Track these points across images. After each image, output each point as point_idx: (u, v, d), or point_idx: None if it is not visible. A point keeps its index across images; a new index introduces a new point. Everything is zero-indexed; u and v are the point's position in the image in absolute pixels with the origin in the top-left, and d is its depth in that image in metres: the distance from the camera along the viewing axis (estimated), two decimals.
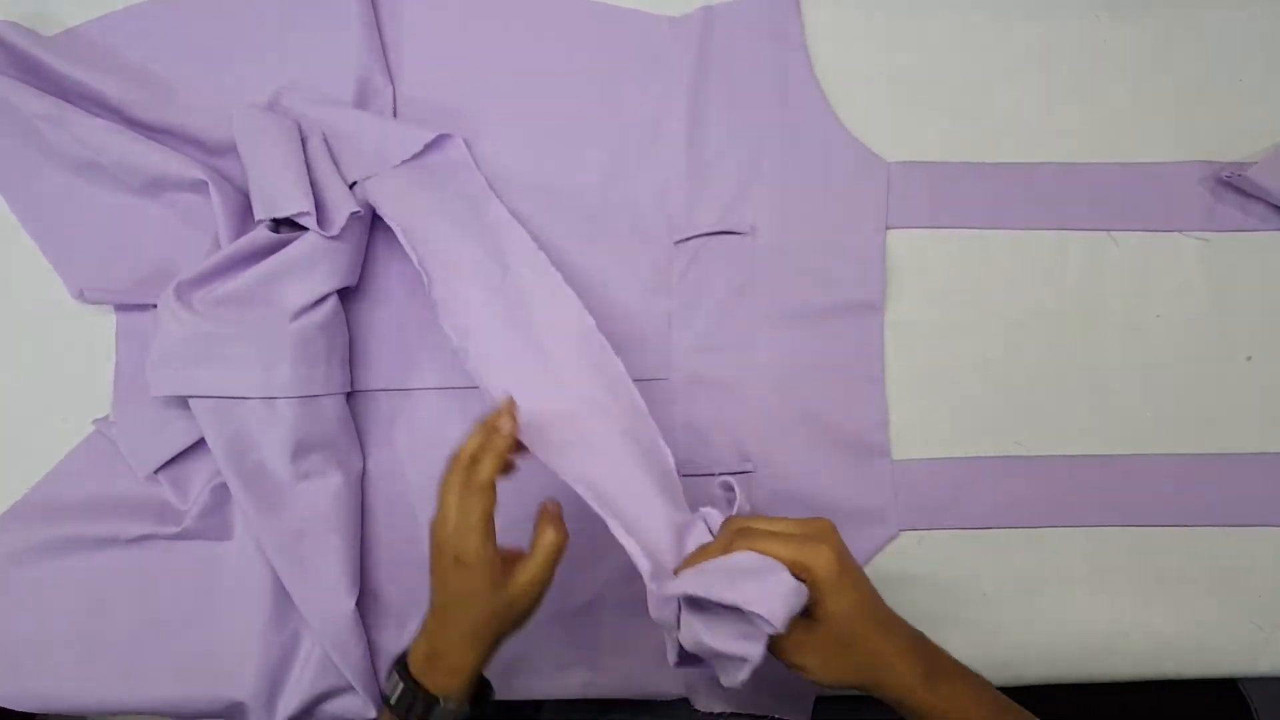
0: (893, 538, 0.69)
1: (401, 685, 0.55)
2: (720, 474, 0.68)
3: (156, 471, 0.69)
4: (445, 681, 0.55)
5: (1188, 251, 0.72)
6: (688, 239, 0.71)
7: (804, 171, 0.71)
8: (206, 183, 0.67)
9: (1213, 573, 0.69)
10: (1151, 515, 0.69)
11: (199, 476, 0.69)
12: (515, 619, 0.55)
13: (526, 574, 0.54)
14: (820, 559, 0.50)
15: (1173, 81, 0.73)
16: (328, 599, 0.65)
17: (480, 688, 0.58)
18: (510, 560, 0.54)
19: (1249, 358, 0.71)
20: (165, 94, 0.71)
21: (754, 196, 0.71)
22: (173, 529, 0.68)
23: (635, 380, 0.68)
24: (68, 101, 0.69)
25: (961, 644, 0.68)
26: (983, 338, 0.71)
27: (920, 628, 0.58)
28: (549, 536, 0.54)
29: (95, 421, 0.70)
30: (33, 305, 0.73)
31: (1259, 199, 0.71)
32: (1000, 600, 0.66)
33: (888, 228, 0.71)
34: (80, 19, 0.73)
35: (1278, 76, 0.73)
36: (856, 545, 0.68)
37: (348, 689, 0.67)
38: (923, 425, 0.70)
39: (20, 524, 0.69)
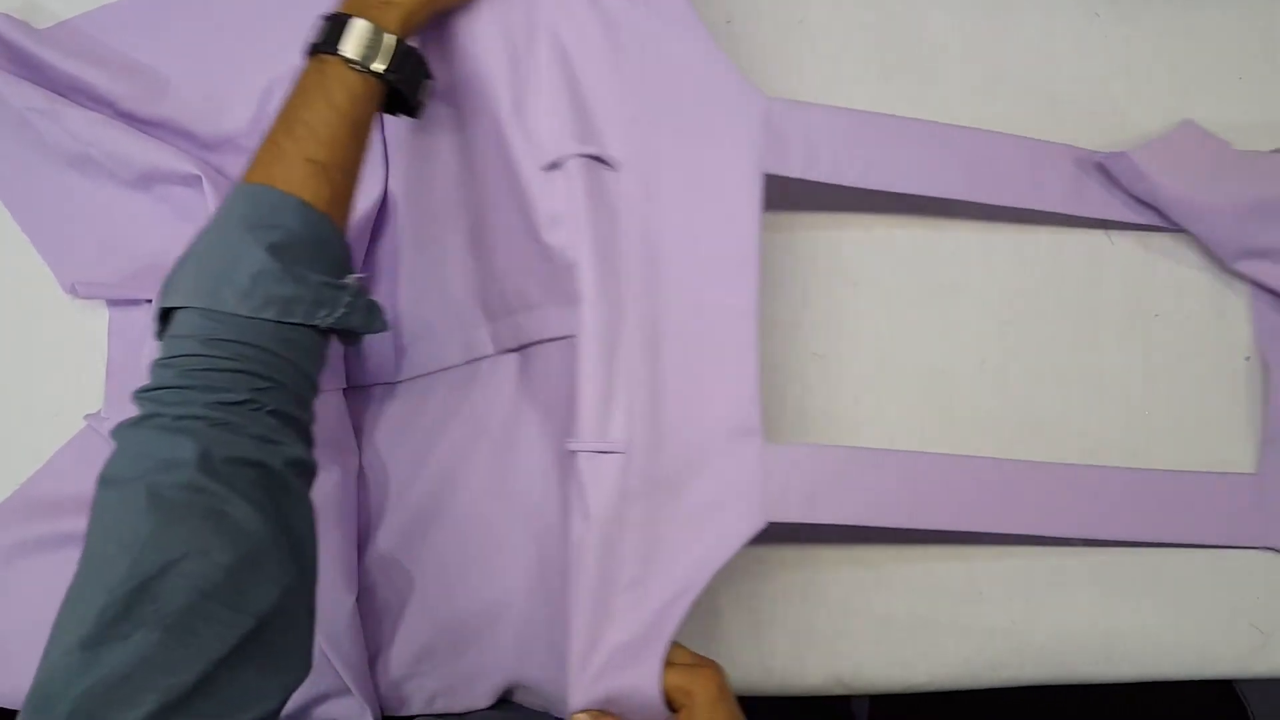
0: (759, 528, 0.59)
1: (327, 23, 0.52)
2: (583, 450, 0.58)
3: None
4: (380, 14, 0.52)
5: (1186, 250, 0.71)
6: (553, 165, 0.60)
7: (673, 104, 0.61)
8: (200, 177, 0.66)
9: (1211, 574, 0.69)
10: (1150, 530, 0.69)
11: None
12: None
13: None
14: (706, 684, 0.53)
15: (1172, 79, 0.72)
16: (327, 596, 0.64)
17: (416, 61, 0.55)
18: None
19: (1247, 357, 0.70)
20: (158, 87, 0.70)
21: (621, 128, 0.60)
22: None
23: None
24: (60, 95, 0.68)
25: (957, 645, 0.68)
26: (979, 337, 0.70)
27: (914, 628, 0.58)
28: None
29: (87, 417, 0.70)
30: (24, 300, 0.72)
31: None
32: (996, 601, 0.65)
33: (767, 174, 0.61)
34: (73, 11, 0.72)
35: (1278, 74, 0.72)
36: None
37: (343, 692, 0.66)
38: (911, 423, 0.69)
39: (10, 521, 0.69)
